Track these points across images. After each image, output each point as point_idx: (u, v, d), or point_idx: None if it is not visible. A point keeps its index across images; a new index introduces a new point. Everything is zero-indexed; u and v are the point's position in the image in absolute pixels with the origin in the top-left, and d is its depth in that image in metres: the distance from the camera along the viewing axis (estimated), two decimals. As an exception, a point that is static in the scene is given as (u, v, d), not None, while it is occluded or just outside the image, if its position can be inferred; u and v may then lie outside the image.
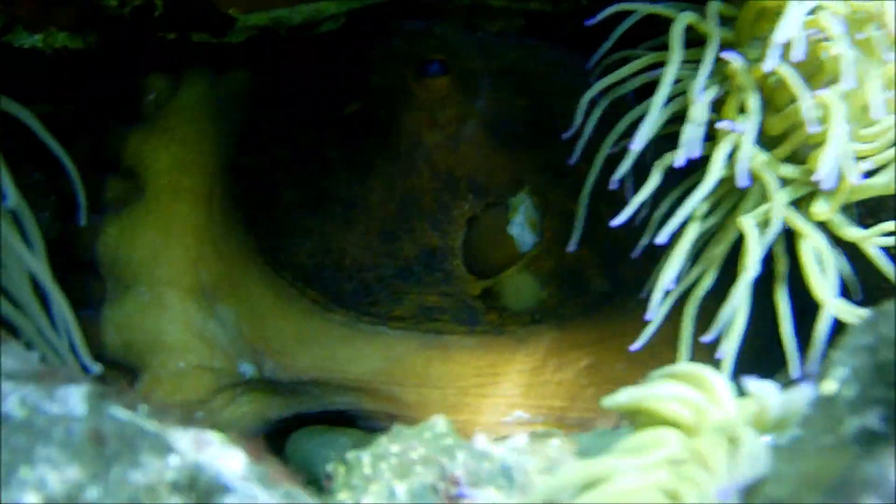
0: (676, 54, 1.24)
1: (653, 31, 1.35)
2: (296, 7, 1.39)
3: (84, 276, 1.53)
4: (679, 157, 1.21)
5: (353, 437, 1.44)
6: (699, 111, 1.22)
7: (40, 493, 0.69)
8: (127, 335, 1.49)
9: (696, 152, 1.22)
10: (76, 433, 0.71)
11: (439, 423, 1.03)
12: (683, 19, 1.25)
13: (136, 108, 1.57)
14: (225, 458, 0.80)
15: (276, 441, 1.51)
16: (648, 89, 1.30)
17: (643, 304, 1.31)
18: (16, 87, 1.49)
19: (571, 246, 1.37)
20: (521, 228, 1.44)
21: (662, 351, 1.42)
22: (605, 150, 1.31)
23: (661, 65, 1.27)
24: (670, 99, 1.26)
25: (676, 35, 1.25)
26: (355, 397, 1.49)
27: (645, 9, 1.30)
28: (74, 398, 0.74)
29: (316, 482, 1.39)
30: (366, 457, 0.99)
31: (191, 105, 1.58)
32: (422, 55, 1.41)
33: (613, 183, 1.29)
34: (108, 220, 1.52)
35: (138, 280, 1.50)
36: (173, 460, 0.75)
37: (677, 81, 1.24)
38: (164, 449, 0.75)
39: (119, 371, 1.50)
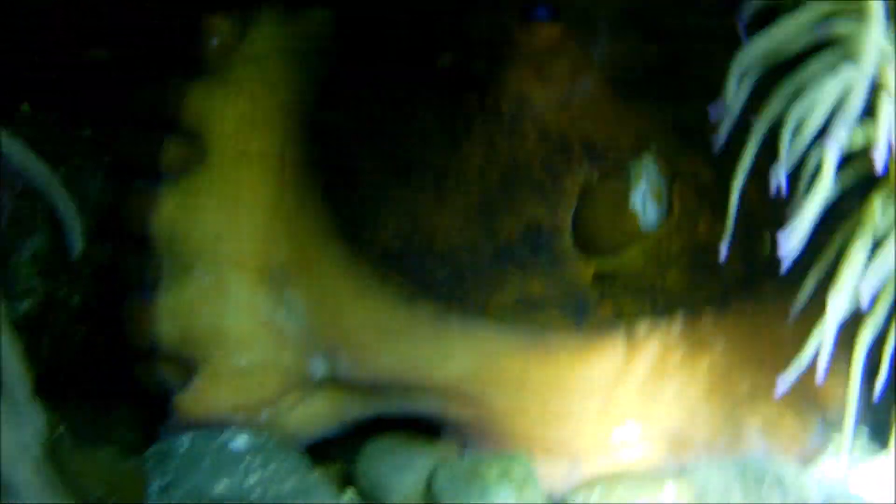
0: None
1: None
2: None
3: (137, 254, 1.36)
4: (880, 147, 0.91)
5: (433, 456, 1.26)
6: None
7: None
8: (184, 324, 1.32)
9: None
10: None
11: None
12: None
13: (198, 57, 1.39)
14: None
15: (355, 445, 1.35)
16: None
17: (783, 292, 1.12)
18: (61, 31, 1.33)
19: (722, 252, 1.11)
20: (645, 200, 1.23)
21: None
22: (763, 127, 1.04)
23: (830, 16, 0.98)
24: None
25: None
26: (441, 402, 1.30)
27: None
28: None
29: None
30: None
31: (262, 52, 1.39)
32: None
33: (774, 184, 1.01)
34: (164, 191, 1.34)
35: (199, 260, 1.33)
36: None
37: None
38: None
39: (175, 365, 1.34)
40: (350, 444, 1.37)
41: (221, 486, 1.18)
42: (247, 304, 1.32)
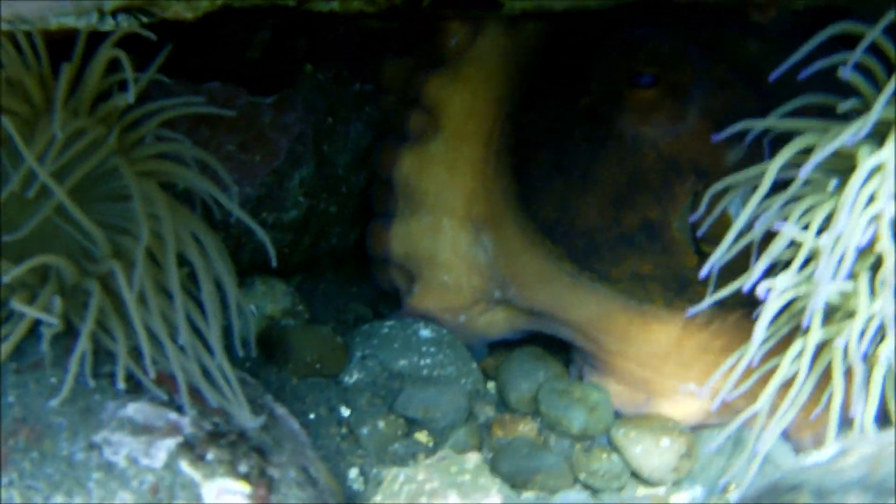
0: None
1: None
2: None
3: (384, 191, 1.80)
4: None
5: (549, 372, 1.70)
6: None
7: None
8: (409, 248, 1.77)
9: None
10: (144, 483, 1.09)
11: None
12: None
13: (440, 52, 1.75)
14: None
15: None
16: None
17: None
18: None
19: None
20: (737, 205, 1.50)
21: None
22: (762, 189, 1.38)
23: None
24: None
25: None
26: (572, 333, 1.70)
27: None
28: (161, 454, 1.08)
29: (503, 405, 1.70)
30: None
31: (486, 54, 1.73)
32: (635, 66, 1.53)
33: None
34: (406, 150, 1.76)
35: (423, 206, 1.75)
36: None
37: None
38: (195, 496, 1.10)
39: (401, 272, 1.82)
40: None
41: (402, 363, 1.68)
42: (452, 241, 1.75)
